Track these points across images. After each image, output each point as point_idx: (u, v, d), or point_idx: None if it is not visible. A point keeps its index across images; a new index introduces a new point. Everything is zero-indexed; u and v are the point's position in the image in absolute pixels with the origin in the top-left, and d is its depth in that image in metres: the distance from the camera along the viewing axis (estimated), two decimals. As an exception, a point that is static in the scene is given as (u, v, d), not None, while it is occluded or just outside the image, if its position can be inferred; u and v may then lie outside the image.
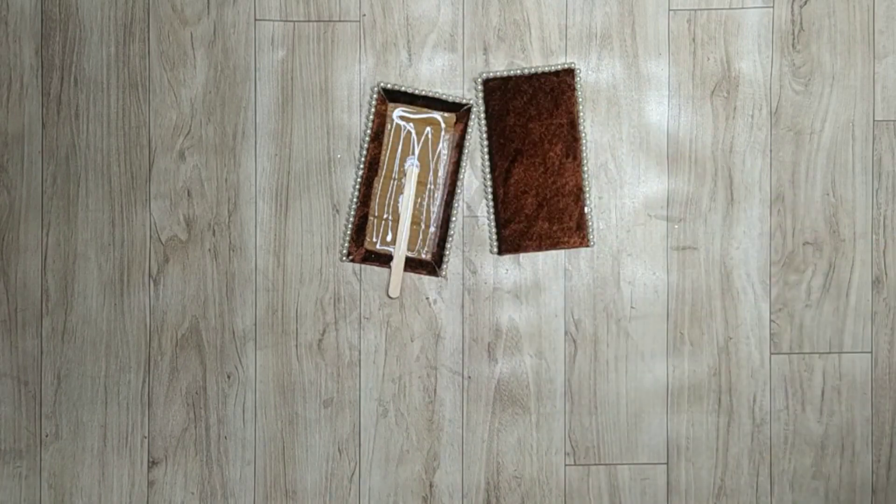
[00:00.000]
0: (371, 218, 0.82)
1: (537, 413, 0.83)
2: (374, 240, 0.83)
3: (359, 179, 0.82)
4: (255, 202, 0.83)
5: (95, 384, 0.82)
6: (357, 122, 0.83)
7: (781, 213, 0.84)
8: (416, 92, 0.82)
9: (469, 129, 0.83)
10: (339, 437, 0.83)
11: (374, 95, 0.82)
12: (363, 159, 0.82)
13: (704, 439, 0.84)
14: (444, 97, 0.82)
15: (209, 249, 0.83)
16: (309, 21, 0.83)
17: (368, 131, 0.82)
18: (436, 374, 0.83)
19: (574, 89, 0.82)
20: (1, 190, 0.82)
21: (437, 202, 0.83)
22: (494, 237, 0.83)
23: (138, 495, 0.82)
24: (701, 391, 0.84)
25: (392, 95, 0.82)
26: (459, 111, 0.82)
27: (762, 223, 0.83)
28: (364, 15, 0.83)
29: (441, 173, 0.83)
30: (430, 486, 0.83)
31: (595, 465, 0.83)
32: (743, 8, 0.83)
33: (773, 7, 0.83)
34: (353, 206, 0.82)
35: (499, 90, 0.82)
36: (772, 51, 0.83)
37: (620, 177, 0.83)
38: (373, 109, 0.82)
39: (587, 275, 0.83)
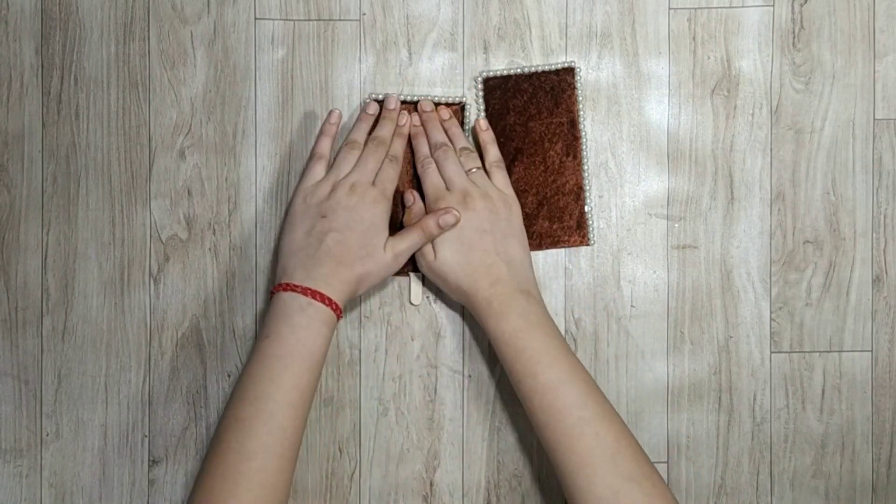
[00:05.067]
0: None
1: (538, 412, 0.83)
2: None
3: None
4: (256, 201, 0.83)
5: (96, 383, 0.82)
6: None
7: (782, 212, 0.84)
8: (408, 98, 0.82)
9: (467, 125, 0.82)
10: (339, 436, 0.83)
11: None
12: None
13: (705, 438, 0.84)
14: (434, 100, 0.82)
15: (209, 249, 0.83)
16: (309, 20, 0.83)
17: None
18: (436, 372, 0.83)
19: (574, 88, 0.82)
20: (1, 189, 0.82)
21: None
22: (495, 236, 0.83)
23: (139, 494, 0.82)
24: (701, 390, 0.84)
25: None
26: (452, 108, 0.82)
27: (762, 222, 0.83)
28: (364, 14, 0.83)
29: None
30: (431, 484, 0.83)
31: (595, 463, 0.83)
32: (743, 7, 0.83)
33: (773, 6, 0.83)
34: None
35: (499, 89, 0.82)
36: (772, 49, 0.83)
37: (621, 175, 0.83)
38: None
39: (587, 273, 0.83)
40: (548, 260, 0.83)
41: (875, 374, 0.84)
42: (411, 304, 0.83)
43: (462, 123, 0.82)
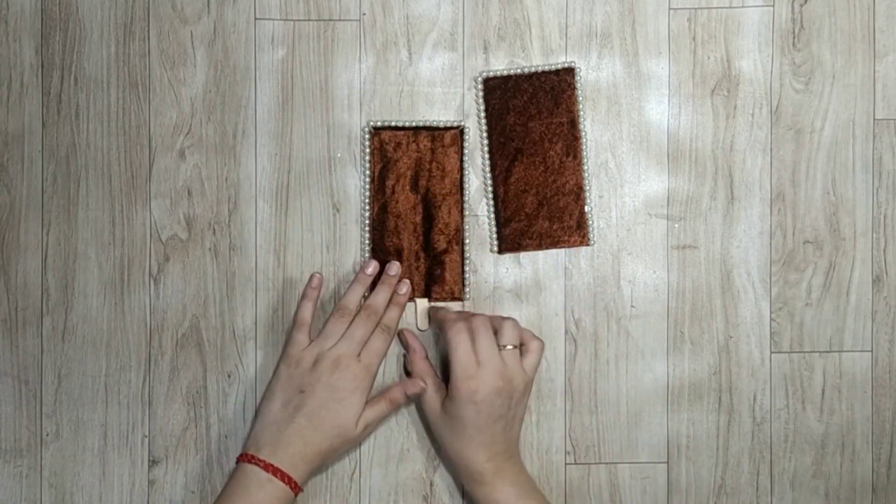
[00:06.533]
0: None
1: (537, 412, 0.83)
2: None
3: (367, 225, 0.82)
4: (256, 201, 0.83)
5: (96, 383, 0.82)
6: (357, 121, 0.83)
7: (782, 212, 0.84)
8: (406, 125, 0.82)
9: (466, 146, 0.82)
10: (339, 435, 0.83)
11: (367, 135, 0.82)
12: (368, 201, 0.82)
13: (705, 438, 0.84)
14: (433, 124, 0.82)
15: (209, 249, 0.83)
16: (309, 20, 0.83)
17: (368, 172, 0.82)
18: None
19: (574, 88, 0.82)
20: (1, 189, 0.82)
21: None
22: (495, 236, 0.83)
23: (139, 494, 0.82)
24: (701, 390, 0.84)
25: (384, 129, 0.82)
26: (450, 133, 0.82)
27: (762, 222, 0.83)
28: (364, 14, 0.83)
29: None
30: (431, 484, 0.83)
31: (595, 464, 0.83)
32: (743, 7, 0.83)
33: (773, 6, 0.83)
34: (367, 253, 0.82)
35: (499, 89, 0.82)
36: (772, 49, 0.83)
37: (620, 176, 0.83)
38: (367, 149, 0.82)
39: (587, 274, 0.83)
40: (548, 260, 0.83)
41: (875, 374, 0.84)
42: (419, 329, 0.82)
43: (462, 148, 0.82)
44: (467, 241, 0.82)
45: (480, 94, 0.83)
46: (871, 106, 0.83)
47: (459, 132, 0.82)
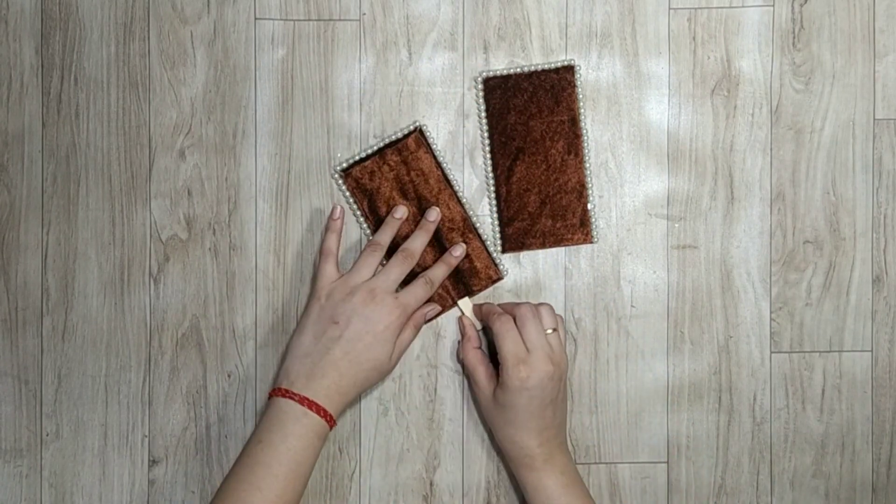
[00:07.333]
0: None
1: (538, 412, 0.83)
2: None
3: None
4: (256, 201, 0.83)
5: (96, 383, 0.82)
6: (357, 122, 0.83)
7: (782, 212, 0.84)
8: (369, 152, 0.82)
9: (432, 141, 0.82)
10: (339, 436, 0.83)
11: (340, 181, 0.82)
12: (370, 237, 0.82)
13: (705, 438, 0.84)
14: (391, 138, 0.82)
15: (209, 248, 0.83)
16: (309, 20, 0.83)
17: (359, 211, 0.82)
18: (436, 372, 0.83)
19: (574, 86, 0.82)
20: (1, 189, 0.82)
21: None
22: (498, 236, 0.83)
23: (139, 494, 0.82)
24: (701, 390, 0.84)
25: (351, 167, 0.82)
26: (411, 138, 0.82)
27: (762, 222, 0.83)
28: (364, 14, 0.83)
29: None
30: (431, 484, 0.83)
31: (595, 463, 0.83)
32: (743, 7, 0.83)
33: (773, 6, 0.83)
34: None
35: (499, 89, 0.82)
36: (772, 49, 0.83)
37: (621, 175, 0.83)
38: (346, 193, 0.82)
39: (587, 273, 0.83)
40: (548, 260, 0.83)
41: (875, 374, 0.84)
42: (476, 328, 0.82)
43: (429, 145, 0.82)
44: (477, 223, 0.82)
45: (481, 93, 0.83)
46: (871, 106, 0.83)
47: (419, 132, 0.82)
